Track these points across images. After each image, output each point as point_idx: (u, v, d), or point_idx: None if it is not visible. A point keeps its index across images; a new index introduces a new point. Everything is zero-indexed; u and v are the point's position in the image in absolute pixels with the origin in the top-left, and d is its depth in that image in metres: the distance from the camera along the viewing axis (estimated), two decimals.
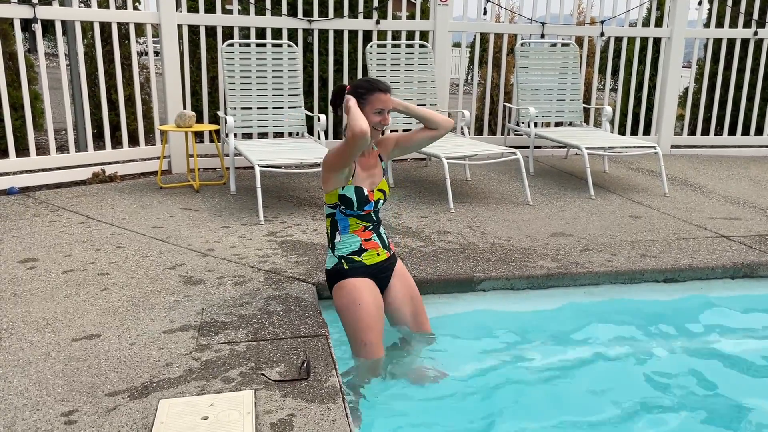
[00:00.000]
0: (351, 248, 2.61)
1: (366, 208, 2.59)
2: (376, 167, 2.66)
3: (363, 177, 2.59)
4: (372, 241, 2.65)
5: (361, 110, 2.46)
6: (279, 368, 2.29)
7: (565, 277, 3.32)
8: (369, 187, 2.60)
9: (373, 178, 2.63)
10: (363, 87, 2.52)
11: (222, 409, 2.02)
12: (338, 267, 2.61)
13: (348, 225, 2.60)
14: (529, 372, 2.70)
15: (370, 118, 2.49)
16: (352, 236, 2.61)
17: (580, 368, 2.75)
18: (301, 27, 5.64)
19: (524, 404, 2.48)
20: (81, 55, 5.05)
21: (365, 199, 2.57)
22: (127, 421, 1.98)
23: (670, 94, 6.53)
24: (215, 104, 5.93)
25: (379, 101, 2.49)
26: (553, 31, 6.24)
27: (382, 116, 2.51)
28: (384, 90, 2.51)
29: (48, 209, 4.24)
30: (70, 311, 2.73)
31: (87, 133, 5.15)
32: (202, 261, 3.36)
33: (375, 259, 2.65)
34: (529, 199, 4.68)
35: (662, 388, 2.61)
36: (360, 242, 2.61)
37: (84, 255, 3.41)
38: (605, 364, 2.79)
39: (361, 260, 2.61)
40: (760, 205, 4.79)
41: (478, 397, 2.51)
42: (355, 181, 2.56)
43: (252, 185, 4.69)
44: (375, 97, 2.49)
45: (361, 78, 2.55)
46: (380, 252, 2.67)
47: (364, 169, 2.60)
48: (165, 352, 2.40)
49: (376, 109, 2.49)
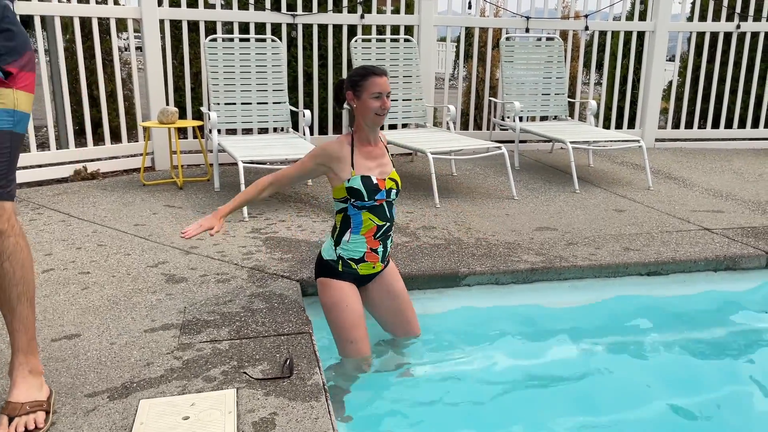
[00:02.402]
0: (353, 255, 2.57)
1: (378, 197, 2.51)
2: (384, 157, 2.60)
3: (369, 166, 2.53)
4: (375, 254, 2.59)
5: (359, 99, 2.48)
6: (262, 366, 2.27)
7: (549, 271, 3.33)
8: (379, 175, 2.54)
9: (383, 167, 2.57)
10: (357, 75, 2.50)
11: (203, 409, 2.01)
12: (333, 264, 2.59)
13: (361, 223, 2.53)
14: (514, 367, 2.71)
15: (369, 103, 2.46)
16: (361, 240, 2.55)
17: (566, 362, 2.76)
18: (285, 21, 5.60)
19: (509, 400, 2.49)
20: (61, 51, 4.98)
21: (375, 187, 2.50)
22: (107, 422, 1.96)
23: (654, 88, 6.56)
24: (198, 100, 5.88)
25: (375, 85, 2.46)
26: (538, 26, 6.24)
27: (381, 100, 2.47)
28: (379, 73, 2.48)
29: (28, 207, 4.18)
30: (50, 311, 2.70)
31: (68, 130, 5.09)
32: (184, 259, 3.33)
33: (369, 271, 2.62)
34: (514, 194, 4.69)
35: (647, 381, 2.63)
36: (365, 252, 2.56)
37: (64, 254, 3.36)
38: (590, 358, 2.80)
39: (356, 269, 2.59)
40: (743, 197, 4.83)
41: (463, 393, 2.51)
42: (359, 171, 2.50)
43: (236, 181, 4.66)
44: (370, 81, 2.46)
45: (355, 67, 2.53)
46: (376, 266, 2.63)
47: (368, 158, 2.53)
48: (146, 352, 2.37)
49: (372, 93, 2.46)
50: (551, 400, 2.47)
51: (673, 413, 2.42)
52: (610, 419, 2.38)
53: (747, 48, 6.72)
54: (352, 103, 2.52)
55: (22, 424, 1.87)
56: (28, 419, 1.89)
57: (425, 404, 2.43)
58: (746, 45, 6.71)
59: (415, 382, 2.58)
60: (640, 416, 2.40)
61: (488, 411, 2.41)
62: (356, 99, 2.50)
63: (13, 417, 1.89)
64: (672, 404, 2.47)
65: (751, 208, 4.53)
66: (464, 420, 2.34)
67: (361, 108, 2.50)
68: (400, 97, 5.51)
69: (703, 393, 2.55)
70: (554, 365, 2.73)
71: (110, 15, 5.11)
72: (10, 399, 1.94)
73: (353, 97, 2.50)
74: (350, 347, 2.55)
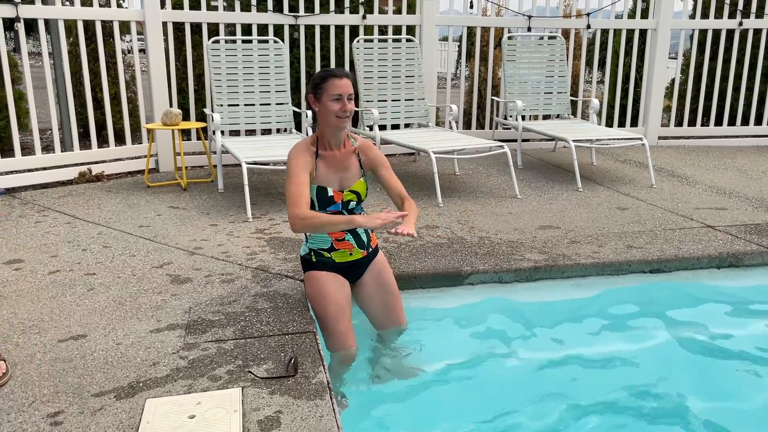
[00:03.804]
0: (321, 245, 2.63)
1: (331, 208, 2.54)
2: (350, 168, 2.58)
3: (328, 176, 2.53)
4: (345, 242, 2.62)
5: (320, 101, 2.46)
6: (266, 365, 2.29)
7: (552, 269, 3.34)
8: (337, 186, 2.54)
9: (344, 178, 2.56)
10: (317, 77, 2.50)
11: (209, 408, 2.02)
12: (308, 257, 2.67)
13: None
14: (518, 365, 2.72)
15: (329, 106, 2.45)
16: (323, 234, 2.60)
17: (568, 360, 2.76)
18: (287, 23, 5.62)
19: (513, 397, 2.49)
20: (65, 54, 5.01)
21: (329, 200, 2.53)
22: (114, 421, 1.97)
23: (656, 86, 6.56)
24: (202, 102, 5.90)
25: (334, 86, 2.44)
26: (539, 24, 6.24)
27: (341, 102, 2.45)
28: (339, 75, 2.46)
29: (34, 210, 4.21)
30: (57, 312, 2.72)
31: (73, 132, 5.12)
32: (189, 259, 3.34)
33: (346, 258, 2.65)
34: (517, 193, 4.70)
35: (651, 378, 2.63)
36: (331, 241, 2.61)
37: (70, 255, 3.39)
38: (593, 355, 2.81)
39: (330, 257, 2.63)
40: (746, 194, 4.82)
41: (466, 391, 2.52)
42: (318, 181, 2.52)
43: (240, 182, 4.68)
44: (329, 83, 2.45)
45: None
46: (354, 252, 2.65)
47: (330, 166, 2.54)
48: (152, 352, 2.39)
49: (332, 95, 2.44)
50: (554, 397, 2.48)
51: (676, 410, 2.43)
52: (612, 416, 2.38)
53: (749, 45, 6.71)
54: (313, 106, 2.52)
55: None
56: None
57: (429, 403, 2.44)
58: (749, 42, 6.70)
59: (419, 380, 2.59)
60: (643, 413, 2.41)
61: (491, 408, 2.42)
62: (317, 102, 2.49)
63: None
64: (675, 401, 2.48)
65: (755, 205, 4.53)
66: (467, 417, 2.35)
67: (322, 111, 2.49)
68: (402, 97, 5.52)
69: (706, 389, 2.56)
70: (557, 363, 2.74)
71: (113, 18, 5.14)
72: None
73: (314, 100, 2.50)
74: (334, 339, 2.57)
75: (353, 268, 2.70)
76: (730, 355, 2.83)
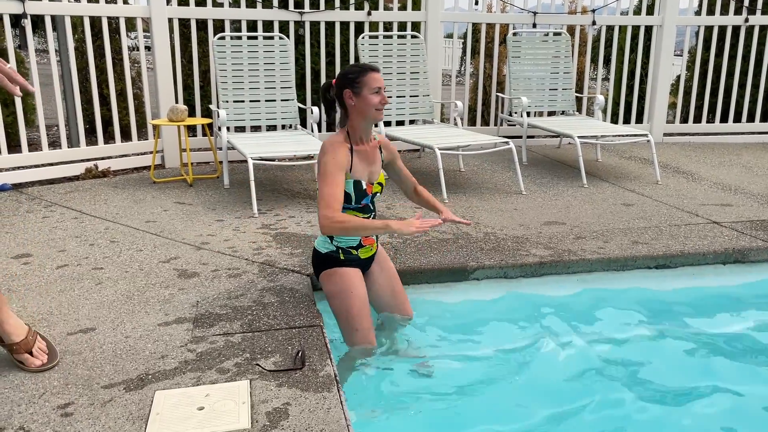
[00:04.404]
0: (350, 243, 2.65)
1: (364, 201, 2.61)
2: (376, 161, 2.65)
3: (361, 170, 2.58)
4: (370, 238, 2.69)
5: (359, 95, 2.49)
6: (274, 358, 2.31)
7: (557, 264, 3.34)
8: (368, 179, 2.61)
9: (372, 171, 2.63)
10: (353, 72, 2.52)
11: (217, 399, 2.04)
12: (334, 255, 2.65)
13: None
14: (521, 360, 2.73)
15: (370, 99, 2.49)
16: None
17: (573, 356, 2.77)
18: (293, 19, 5.63)
19: (518, 391, 2.51)
20: (71, 51, 5.03)
21: (363, 193, 2.59)
22: (123, 412, 1.99)
23: (662, 83, 6.55)
24: (207, 98, 5.92)
25: (374, 80, 2.51)
26: (544, 21, 6.24)
27: (380, 95, 2.51)
28: (375, 69, 2.54)
29: (41, 205, 4.23)
30: (65, 306, 2.74)
31: (79, 128, 5.14)
32: (196, 254, 3.36)
33: (369, 253, 2.72)
34: (522, 189, 4.70)
35: (656, 374, 2.64)
36: (360, 238, 2.65)
37: (78, 250, 3.41)
38: (597, 351, 2.81)
39: (357, 254, 2.67)
40: (752, 191, 4.82)
41: (471, 386, 2.53)
42: (354, 175, 2.56)
43: (245, 178, 4.70)
44: (369, 77, 2.50)
45: (345, 67, 2.59)
46: (374, 247, 2.73)
47: (362, 161, 2.59)
48: (160, 345, 2.41)
49: (372, 89, 2.50)
50: (559, 393, 2.49)
51: (680, 405, 2.43)
52: (616, 411, 2.39)
53: (755, 41, 6.69)
54: (350, 101, 2.53)
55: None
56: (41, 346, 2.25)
57: (434, 396, 2.45)
58: (755, 38, 6.68)
59: (425, 374, 2.60)
60: (646, 408, 2.41)
61: (497, 403, 2.43)
62: (355, 96, 2.51)
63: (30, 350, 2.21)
64: (680, 396, 2.48)
65: (760, 201, 4.53)
66: (472, 411, 2.36)
67: (361, 105, 2.51)
68: (407, 94, 5.53)
69: (709, 385, 2.56)
70: (561, 358, 2.74)
71: (120, 14, 5.15)
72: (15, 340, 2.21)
73: (352, 95, 2.51)
74: (357, 336, 2.59)
75: (369, 263, 2.76)
76: (736, 351, 2.83)
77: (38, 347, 2.25)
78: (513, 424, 2.31)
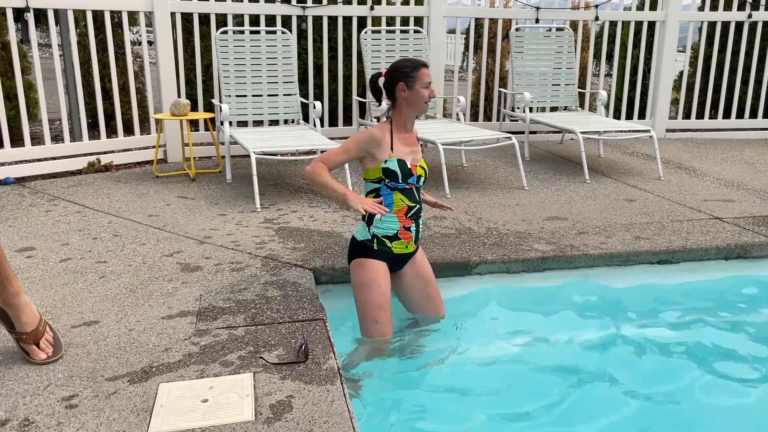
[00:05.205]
0: (387, 232, 2.67)
1: (410, 181, 2.65)
2: (416, 146, 2.74)
3: (404, 151, 2.67)
4: (408, 232, 2.70)
5: (412, 89, 2.62)
6: (277, 352, 2.31)
7: (560, 259, 3.35)
8: (411, 161, 2.67)
9: (415, 154, 2.71)
10: (408, 66, 2.65)
11: (221, 392, 2.05)
12: (368, 244, 2.68)
13: (392, 202, 2.65)
14: (524, 355, 2.74)
15: (421, 93, 2.63)
16: (394, 218, 2.65)
17: (576, 350, 2.78)
18: (295, 14, 5.62)
19: (520, 386, 2.52)
20: (74, 45, 5.03)
21: (408, 171, 2.64)
22: (128, 404, 2.00)
23: (664, 78, 6.54)
24: (210, 92, 5.92)
25: (426, 75, 2.64)
26: (547, 16, 6.23)
27: (430, 89, 2.65)
28: (426, 65, 2.68)
29: (44, 199, 4.24)
30: (69, 299, 2.75)
31: (82, 122, 5.14)
32: (199, 248, 3.37)
33: (403, 250, 2.72)
34: (524, 184, 4.70)
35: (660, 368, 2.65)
36: (398, 229, 2.67)
37: (81, 243, 3.42)
38: (602, 344, 2.82)
39: (390, 247, 2.68)
40: (754, 187, 4.82)
41: (475, 379, 2.54)
42: (397, 154, 2.63)
43: (248, 173, 4.70)
44: (422, 72, 2.63)
45: (397, 60, 2.68)
46: (409, 245, 2.73)
47: (404, 143, 2.68)
48: (164, 338, 2.42)
49: (424, 83, 2.63)
50: (562, 387, 2.50)
51: (682, 402, 2.44)
52: (620, 405, 2.40)
53: (759, 37, 6.67)
54: (402, 93, 2.64)
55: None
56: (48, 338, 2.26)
57: (438, 389, 2.47)
58: (758, 34, 6.67)
59: (429, 368, 2.61)
60: (649, 404, 2.42)
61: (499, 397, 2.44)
62: (408, 89, 2.63)
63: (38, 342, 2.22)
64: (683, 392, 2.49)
65: (763, 197, 4.52)
66: (475, 405, 2.37)
67: (412, 97, 2.64)
68: None
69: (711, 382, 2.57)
70: (563, 353, 2.75)
71: (122, 8, 5.15)
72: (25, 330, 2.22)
73: (405, 87, 2.63)
74: (374, 327, 2.63)
75: (403, 261, 2.77)
76: (738, 346, 2.83)
77: (46, 338, 2.26)
78: (514, 418, 2.32)
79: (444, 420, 2.28)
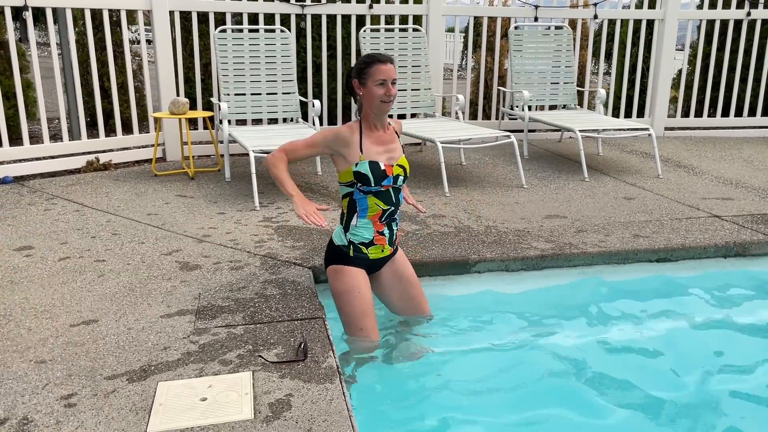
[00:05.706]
0: (363, 239, 2.60)
1: (385, 183, 2.54)
2: (393, 143, 2.62)
3: (377, 151, 2.55)
4: (382, 236, 2.62)
5: (364, 86, 2.49)
6: (276, 350, 2.31)
7: (559, 257, 3.35)
8: (386, 161, 2.56)
9: (391, 153, 2.59)
10: (362, 62, 2.52)
11: (220, 390, 2.05)
12: (345, 249, 2.62)
13: (367, 207, 2.56)
14: (523, 352, 2.73)
15: (374, 91, 2.47)
16: (368, 224, 2.58)
17: (575, 348, 2.78)
18: (294, 12, 5.62)
19: (519, 384, 2.51)
20: (73, 43, 5.02)
21: (382, 173, 2.52)
22: (126, 403, 2.00)
23: (663, 77, 6.54)
24: (209, 91, 5.91)
25: (379, 72, 2.47)
26: (546, 14, 6.22)
27: (385, 87, 2.48)
28: (383, 61, 2.49)
29: (43, 198, 4.24)
30: (68, 297, 2.75)
31: (80, 121, 5.14)
32: (198, 247, 3.37)
33: (378, 254, 2.66)
34: (523, 182, 4.70)
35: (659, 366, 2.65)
36: (373, 235, 2.60)
37: (80, 242, 3.41)
38: (601, 342, 2.82)
39: (366, 254, 2.62)
40: (753, 185, 4.82)
41: (474, 377, 2.54)
42: (368, 156, 2.52)
43: (247, 171, 4.70)
44: (374, 69, 2.47)
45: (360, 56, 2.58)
46: (385, 249, 2.66)
47: (377, 143, 2.56)
48: (163, 336, 2.41)
49: (377, 81, 2.47)
50: (561, 385, 2.50)
51: (682, 400, 2.44)
52: (619, 401, 2.40)
53: (757, 35, 6.67)
54: (358, 91, 2.54)
55: None
56: None
57: (434, 387, 2.46)
58: (757, 32, 6.67)
59: (427, 366, 2.61)
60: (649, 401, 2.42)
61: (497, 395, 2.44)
62: (362, 87, 2.52)
63: None
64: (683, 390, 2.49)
65: (761, 195, 4.53)
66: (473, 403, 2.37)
67: (366, 96, 2.51)
68: (408, 87, 5.52)
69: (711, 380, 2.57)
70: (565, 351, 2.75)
71: (121, 6, 5.14)
72: None
73: (359, 85, 2.52)
74: (360, 335, 2.59)
75: (381, 264, 2.71)
76: (737, 341, 2.84)
77: None
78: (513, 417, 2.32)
79: (444, 419, 2.28)
